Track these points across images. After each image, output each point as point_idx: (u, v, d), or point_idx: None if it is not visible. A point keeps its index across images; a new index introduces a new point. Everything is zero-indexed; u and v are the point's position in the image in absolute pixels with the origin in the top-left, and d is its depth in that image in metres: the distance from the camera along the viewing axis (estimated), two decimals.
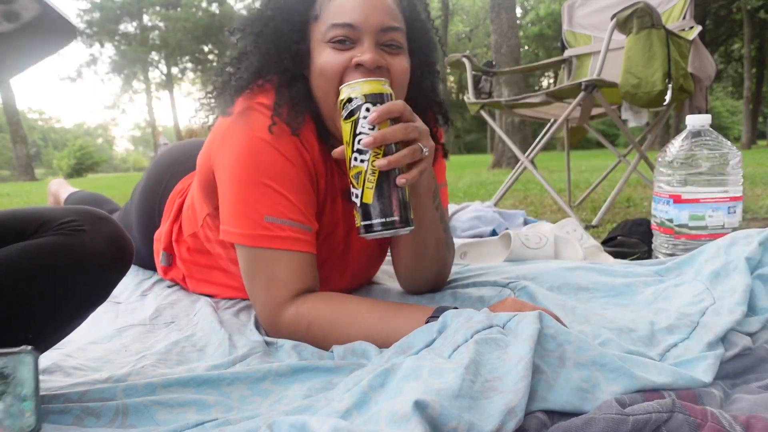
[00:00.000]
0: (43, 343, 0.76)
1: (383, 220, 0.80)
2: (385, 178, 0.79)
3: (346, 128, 0.81)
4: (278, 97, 0.95)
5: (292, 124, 0.94)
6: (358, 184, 0.81)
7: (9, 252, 0.70)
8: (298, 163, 0.95)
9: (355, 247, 1.11)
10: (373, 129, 0.79)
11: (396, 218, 0.80)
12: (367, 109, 0.79)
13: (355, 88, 0.80)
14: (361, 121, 0.79)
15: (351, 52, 0.90)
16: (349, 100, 0.80)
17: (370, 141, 0.78)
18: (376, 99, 0.79)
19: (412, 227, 0.83)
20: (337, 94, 0.85)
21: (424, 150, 0.82)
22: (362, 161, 0.80)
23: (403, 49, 0.95)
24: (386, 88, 0.81)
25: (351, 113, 0.80)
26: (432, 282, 1.10)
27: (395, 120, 0.81)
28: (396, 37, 0.92)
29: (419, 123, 0.83)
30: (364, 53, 0.89)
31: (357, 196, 0.81)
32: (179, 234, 1.31)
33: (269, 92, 0.97)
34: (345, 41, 0.90)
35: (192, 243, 1.26)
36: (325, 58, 0.92)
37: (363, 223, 0.81)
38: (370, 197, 0.80)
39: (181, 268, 1.33)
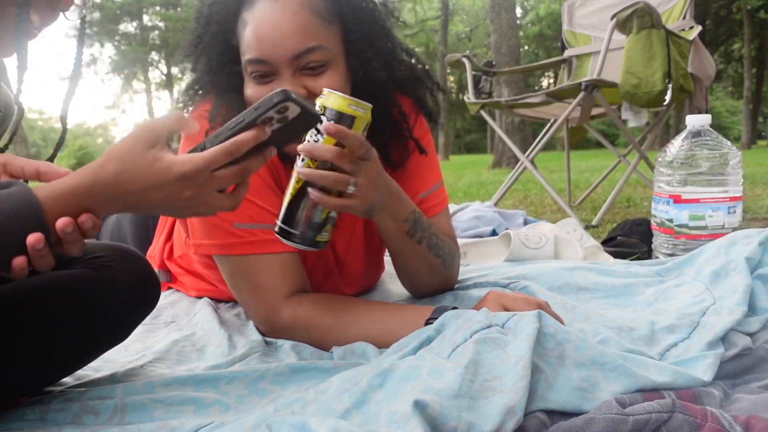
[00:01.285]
0: (59, 374, 0.76)
1: (286, 228, 0.79)
2: (304, 190, 0.77)
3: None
4: (215, 102, 0.93)
5: None
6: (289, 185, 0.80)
7: (42, 279, 0.70)
8: None
9: (349, 257, 1.08)
10: (318, 142, 0.76)
11: (297, 233, 0.78)
12: (320, 121, 0.76)
13: (321, 98, 0.78)
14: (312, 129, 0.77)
15: (271, 85, 0.88)
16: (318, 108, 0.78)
17: (301, 147, 0.76)
18: (332, 115, 0.76)
19: (320, 249, 0.81)
20: None
21: (350, 186, 0.77)
22: (299, 165, 0.78)
23: (328, 63, 0.88)
24: (351, 109, 0.77)
25: None
26: (436, 292, 1.08)
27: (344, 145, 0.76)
28: (314, 58, 0.86)
29: (365, 162, 0.78)
30: (281, 87, 0.85)
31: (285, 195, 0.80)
32: (170, 254, 1.30)
33: (212, 100, 0.95)
34: (264, 76, 0.88)
35: (183, 263, 1.26)
36: (248, 91, 0.90)
37: (277, 221, 0.80)
38: (286, 200, 0.79)
39: (182, 281, 1.32)
